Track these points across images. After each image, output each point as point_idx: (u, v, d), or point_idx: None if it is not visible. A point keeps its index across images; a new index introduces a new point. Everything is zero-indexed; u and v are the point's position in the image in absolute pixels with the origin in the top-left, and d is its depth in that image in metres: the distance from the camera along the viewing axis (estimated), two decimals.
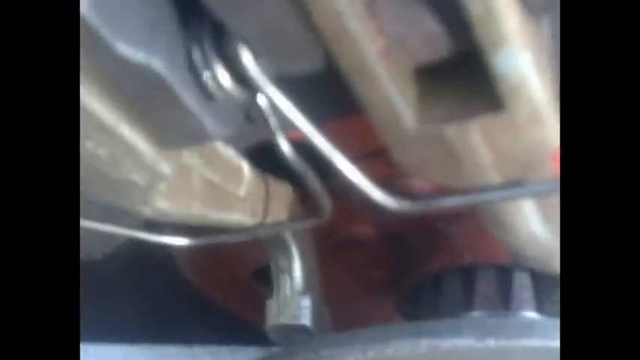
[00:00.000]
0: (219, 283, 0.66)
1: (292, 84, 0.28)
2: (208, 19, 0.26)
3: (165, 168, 0.31)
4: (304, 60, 0.26)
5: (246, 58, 0.27)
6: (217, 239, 0.41)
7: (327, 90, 0.28)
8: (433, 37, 0.25)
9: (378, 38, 0.24)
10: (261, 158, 0.40)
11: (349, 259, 0.57)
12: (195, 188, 0.35)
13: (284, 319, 0.46)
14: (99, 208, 0.33)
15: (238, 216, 0.40)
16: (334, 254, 0.56)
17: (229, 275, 0.64)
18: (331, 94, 0.28)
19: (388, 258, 0.57)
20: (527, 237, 0.35)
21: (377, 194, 0.31)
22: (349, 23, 0.23)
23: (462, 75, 0.26)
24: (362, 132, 0.32)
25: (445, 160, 0.28)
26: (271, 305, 0.47)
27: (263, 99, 0.29)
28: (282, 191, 0.44)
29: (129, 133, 0.28)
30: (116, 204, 0.32)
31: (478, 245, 0.50)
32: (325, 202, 0.36)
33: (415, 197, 0.32)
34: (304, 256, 0.47)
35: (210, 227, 0.39)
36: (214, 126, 0.29)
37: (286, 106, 0.28)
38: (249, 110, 0.31)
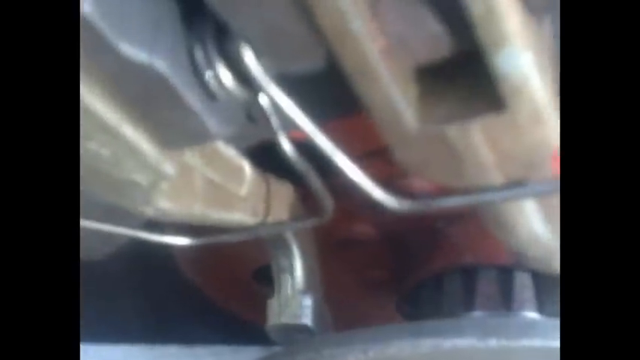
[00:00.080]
0: (219, 283, 0.66)
1: (293, 83, 0.28)
2: (211, 19, 0.26)
3: (167, 168, 0.31)
4: (306, 59, 0.26)
5: (248, 58, 0.27)
6: (218, 239, 0.41)
7: (328, 89, 0.28)
8: (435, 37, 0.25)
9: (380, 38, 0.24)
10: (262, 158, 0.40)
11: (350, 259, 0.57)
12: (196, 188, 0.35)
13: (285, 319, 0.46)
14: (100, 209, 0.33)
15: (239, 215, 0.40)
16: (335, 254, 0.56)
17: (230, 275, 0.64)
18: (332, 94, 0.28)
19: (389, 258, 0.56)
20: (528, 237, 0.35)
21: (378, 194, 0.31)
22: (352, 23, 0.23)
23: (464, 75, 0.26)
24: (363, 131, 0.32)
25: (446, 160, 0.28)
26: (272, 305, 0.47)
27: (265, 98, 0.29)
28: (283, 191, 0.44)
29: (131, 133, 0.28)
30: (118, 204, 0.32)
31: (479, 245, 0.50)
32: (327, 202, 0.36)
33: (416, 197, 0.32)
34: (305, 256, 0.47)
35: (211, 227, 0.39)
36: (217, 126, 0.29)
37: (288, 106, 0.28)
38: (250, 110, 0.31)
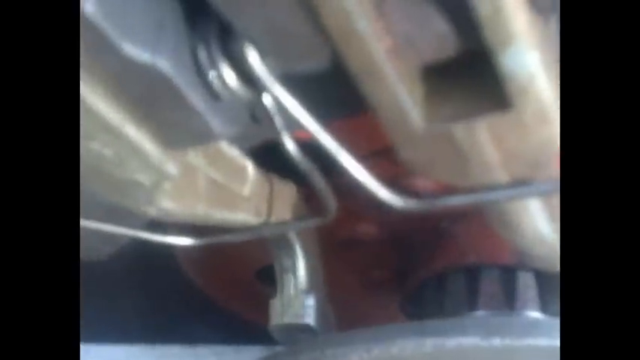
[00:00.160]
0: (221, 283, 0.66)
1: (298, 83, 0.28)
2: (214, 19, 0.26)
3: (170, 168, 0.31)
4: (311, 59, 0.26)
5: (252, 58, 0.27)
6: (221, 239, 0.41)
7: (333, 89, 0.28)
8: (440, 37, 0.25)
9: (386, 38, 0.24)
10: (264, 158, 0.40)
11: (353, 259, 0.57)
12: (199, 188, 0.35)
13: (288, 319, 0.46)
14: (103, 208, 0.33)
15: (242, 215, 0.40)
16: (338, 254, 0.56)
17: (232, 275, 0.64)
18: (337, 94, 0.28)
19: (392, 258, 0.56)
20: (533, 236, 0.34)
21: (383, 193, 0.31)
22: (357, 23, 0.23)
23: (470, 74, 0.26)
24: (368, 131, 0.32)
25: (452, 159, 0.28)
26: (275, 304, 0.47)
27: (268, 98, 0.29)
28: (286, 191, 0.43)
29: (134, 133, 0.28)
30: (121, 204, 0.32)
31: (482, 245, 0.50)
32: (330, 202, 0.36)
33: (420, 196, 0.32)
34: (308, 255, 0.47)
35: (213, 227, 0.39)
36: (220, 126, 0.29)
37: (292, 106, 0.28)
38: (254, 110, 0.30)
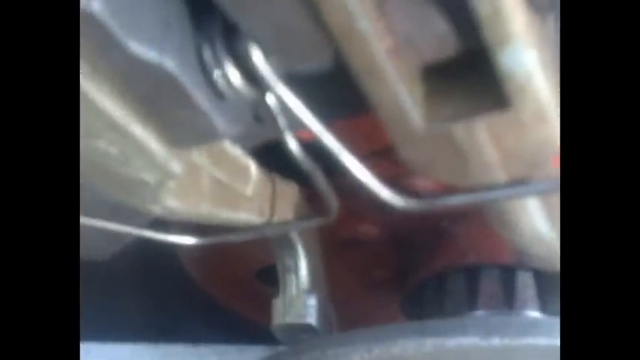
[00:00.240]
0: (223, 283, 0.67)
1: (301, 83, 0.28)
2: (219, 18, 0.27)
3: (175, 167, 0.31)
4: (314, 59, 0.27)
5: (256, 57, 0.27)
6: (224, 238, 0.41)
7: (335, 89, 0.28)
8: (441, 37, 0.25)
9: (387, 37, 0.25)
10: (267, 158, 0.40)
11: (353, 259, 0.58)
12: (203, 187, 0.35)
13: (290, 318, 0.46)
14: (107, 207, 0.33)
15: (245, 215, 0.40)
16: (339, 254, 0.56)
17: (233, 275, 0.64)
18: (339, 94, 0.29)
19: (392, 258, 0.57)
20: (532, 235, 0.35)
21: (384, 192, 0.31)
22: (359, 22, 0.24)
23: (469, 74, 0.26)
24: (370, 131, 0.32)
25: (452, 159, 0.29)
26: (277, 304, 0.47)
27: (272, 98, 0.29)
28: (288, 190, 0.44)
29: (140, 132, 0.29)
30: (126, 202, 0.32)
31: (482, 245, 0.51)
32: (332, 202, 0.36)
33: (420, 196, 0.33)
34: (310, 255, 0.47)
35: (216, 226, 0.40)
36: (224, 125, 0.29)
37: (295, 105, 0.29)
38: (258, 109, 0.31)
